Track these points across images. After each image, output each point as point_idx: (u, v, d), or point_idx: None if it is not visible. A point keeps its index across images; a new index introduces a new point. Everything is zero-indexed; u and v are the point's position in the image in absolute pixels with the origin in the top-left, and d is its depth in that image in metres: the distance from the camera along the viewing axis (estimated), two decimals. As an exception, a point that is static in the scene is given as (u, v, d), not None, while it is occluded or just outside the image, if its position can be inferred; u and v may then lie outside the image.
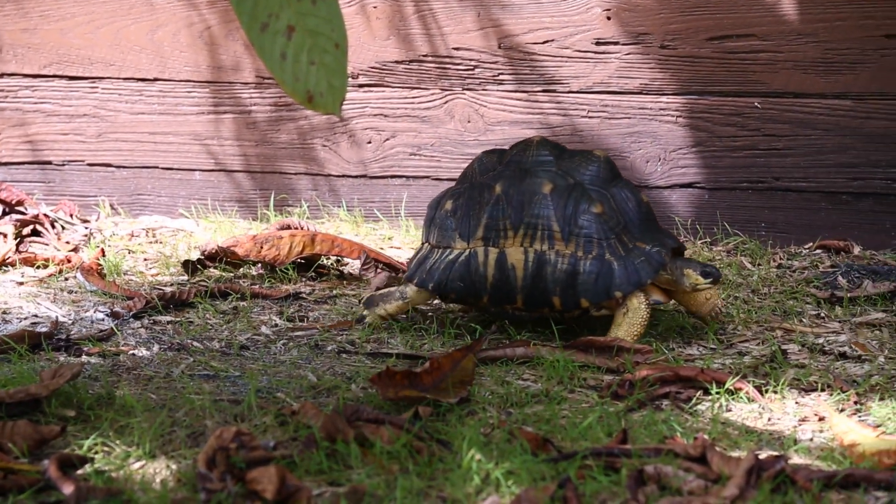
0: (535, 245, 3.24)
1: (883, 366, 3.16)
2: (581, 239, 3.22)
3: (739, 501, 2.40)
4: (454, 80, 4.19)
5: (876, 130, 3.92)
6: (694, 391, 3.00)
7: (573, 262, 3.22)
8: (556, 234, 3.23)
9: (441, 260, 3.32)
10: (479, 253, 3.28)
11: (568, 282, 3.22)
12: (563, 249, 3.23)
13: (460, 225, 3.31)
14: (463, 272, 3.29)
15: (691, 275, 3.25)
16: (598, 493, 2.48)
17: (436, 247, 3.35)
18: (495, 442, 2.69)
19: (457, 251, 3.31)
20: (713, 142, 4.06)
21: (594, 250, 3.22)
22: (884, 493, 2.50)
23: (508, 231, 3.26)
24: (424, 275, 3.33)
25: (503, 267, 3.25)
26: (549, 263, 3.23)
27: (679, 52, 4.02)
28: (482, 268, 3.27)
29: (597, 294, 3.22)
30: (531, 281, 3.24)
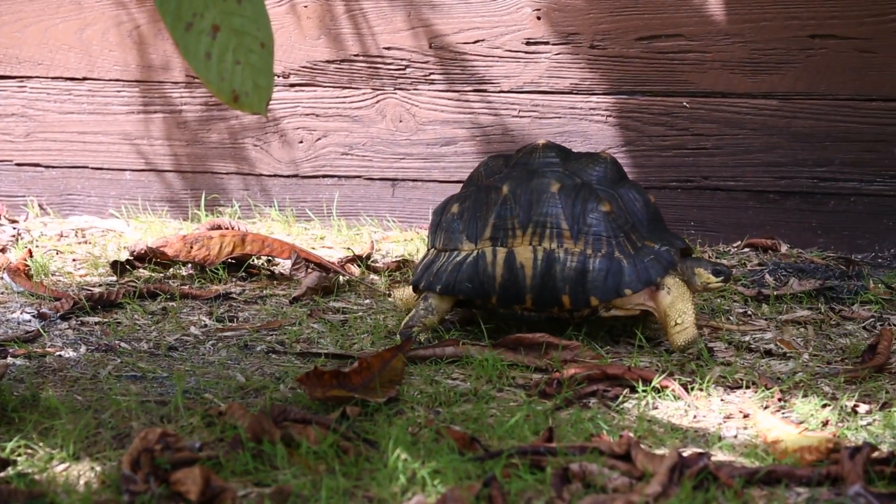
0: (545, 243, 3.21)
1: (807, 363, 3.19)
2: (590, 237, 3.20)
3: (662, 499, 2.42)
4: (385, 80, 4.19)
5: (802, 130, 3.96)
6: (621, 389, 3.02)
7: (583, 260, 3.20)
8: (565, 233, 3.20)
9: (448, 262, 3.28)
10: (487, 253, 3.25)
11: (577, 280, 3.19)
12: (573, 248, 3.20)
13: (467, 227, 3.28)
14: (471, 273, 3.26)
15: (703, 274, 3.24)
16: (523, 492, 2.50)
17: (442, 250, 3.32)
18: (423, 441, 2.69)
19: (464, 252, 3.28)
20: (643, 141, 4.09)
21: (603, 248, 3.19)
22: (805, 489, 2.53)
23: (517, 230, 3.23)
24: (431, 278, 3.29)
25: (512, 266, 3.23)
26: (558, 261, 3.20)
27: (608, 52, 4.05)
28: (490, 268, 3.24)
29: (606, 292, 3.19)
30: (540, 280, 3.21)
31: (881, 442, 2.73)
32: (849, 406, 2.92)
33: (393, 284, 3.73)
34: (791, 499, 2.49)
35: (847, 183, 3.96)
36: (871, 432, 2.78)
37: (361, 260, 3.89)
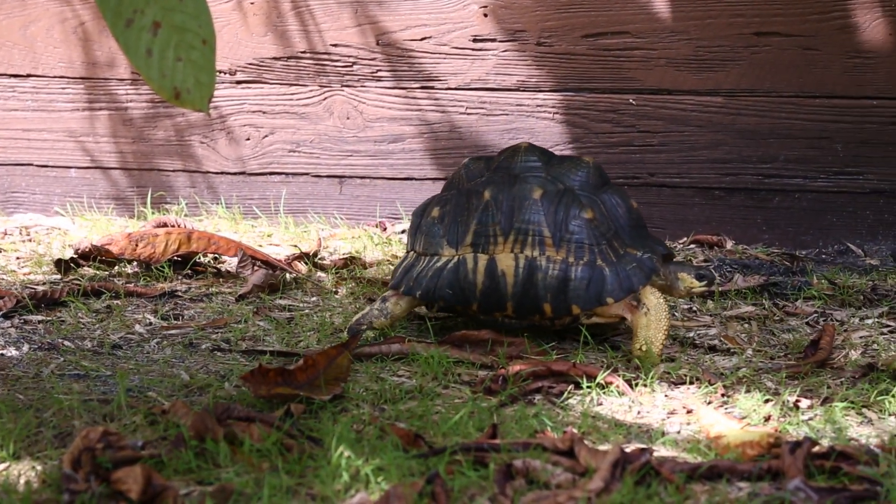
0: (526, 251, 3.19)
1: (751, 358, 3.21)
2: (572, 245, 3.18)
3: (604, 494, 2.43)
4: (333, 77, 4.19)
5: (747, 127, 3.99)
6: (566, 385, 3.03)
7: (564, 269, 3.18)
8: (546, 240, 3.18)
9: (429, 267, 3.26)
10: (468, 260, 3.23)
11: (559, 288, 3.18)
12: (555, 255, 3.18)
13: (448, 232, 3.26)
14: (452, 279, 3.23)
15: (686, 278, 3.23)
16: (467, 488, 2.50)
17: (422, 254, 3.30)
18: (367, 438, 2.69)
19: (445, 258, 3.26)
20: (590, 138, 4.10)
21: (585, 256, 3.17)
22: (746, 483, 2.54)
23: (498, 237, 3.20)
24: (411, 283, 3.27)
25: (493, 274, 3.21)
26: (540, 269, 3.18)
27: (555, 49, 4.06)
28: (471, 275, 3.22)
29: (588, 301, 3.17)
30: (522, 287, 3.19)
31: (822, 437, 2.75)
32: (791, 401, 2.94)
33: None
34: (733, 493, 2.51)
35: (791, 179, 3.99)
36: (813, 427, 2.80)
37: (308, 257, 3.89)
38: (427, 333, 3.30)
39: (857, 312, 3.54)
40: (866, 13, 3.84)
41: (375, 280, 3.73)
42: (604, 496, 2.42)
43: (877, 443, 2.70)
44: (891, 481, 2.48)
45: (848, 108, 3.92)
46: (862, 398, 2.94)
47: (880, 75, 3.87)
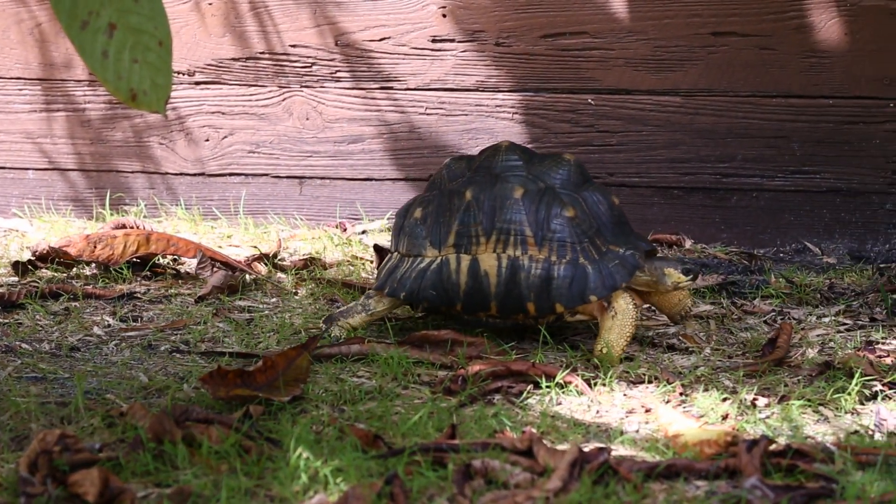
0: (509, 251, 3.18)
1: (709, 357, 3.23)
2: (554, 243, 3.17)
3: (562, 494, 2.44)
4: (292, 78, 4.18)
5: (705, 126, 4.01)
6: (525, 385, 3.04)
7: (547, 267, 3.17)
8: (529, 240, 3.18)
9: (412, 268, 3.26)
10: (451, 260, 3.22)
11: (542, 287, 3.17)
12: (537, 254, 3.17)
13: (431, 232, 3.25)
14: (435, 280, 3.23)
15: (673, 273, 3.22)
16: (425, 489, 2.50)
17: (406, 255, 3.29)
18: (326, 440, 2.69)
19: (428, 259, 3.25)
20: (549, 138, 4.11)
21: (568, 255, 3.17)
22: (704, 482, 2.56)
23: (480, 237, 3.20)
24: (395, 284, 3.27)
25: (476, 274, 3.20)
26: (522, 269, 3.18)
27: (514, 49, 4.07)
28: (455, 275, 3.22)
29: (571, 299, 3.17)
30: (505, 287, 3.19)
31: (779, 434, 2.77)
32: (748, 399, 2.95)
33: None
34: (690, 492, 2.52)
35: (749, 179, 4.02)
36: (770, 425, 2.82)
37: (268, 258, 3.88)
38: (387, 334, 3.30)
39: (815, 311, 3.56)
40: (822, 13, 3.87)
41: (335, 281, 3.73)
42: (562, 496, 2.43)
43: (833, 440, 2.72)
44: (846, 479, 2.50)
45: (804, 107, 3.94)
46: (818, 396, 2.96)
47: (836, 74, 3.89)
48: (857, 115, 3.91)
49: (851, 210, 3.97)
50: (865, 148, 3.92)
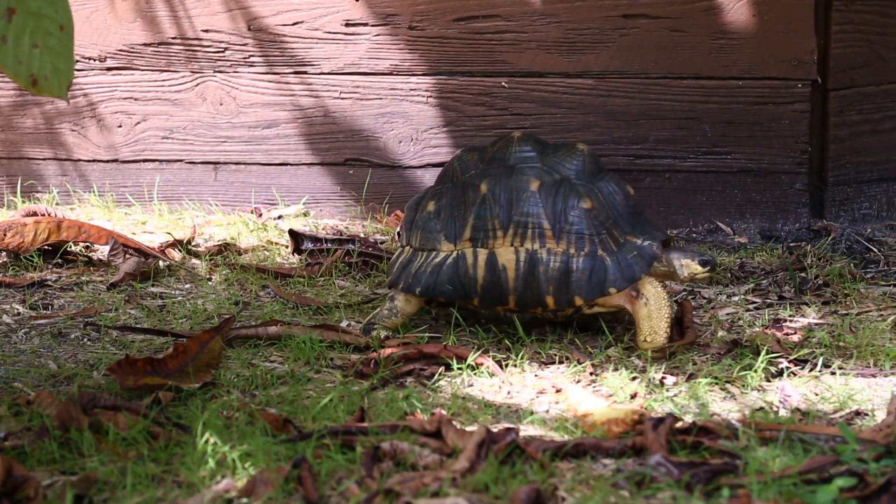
0: (527, 244, 3.14)
1: (620, 336, 3.25)
2: (573, 236, 3.13)
3: (469, 474, 2.45)
4: (204, 63, 4.16)
5: (617, 108, 4.03)
6: (437, 367, 3.05)
7: (566, 260, 3.13)
8: (546, 232, 3.14)
9: (427, 263, 3.22)
10: (467, 255, 3.18)
11: (561, 280, 3.13)
12: (555, 247, 3.13)
13: (445, 227, 3.21)
14: (452, 275, 3.19)
15: (689, 264, 3.19)
16: (334, 472, 2.51)
17: (419, 250, 3.25)
18: (236, 424, 2.69)
19: (443, 254, 3.21)
20: (464, 121, 4.12)
21: (586, 247, 3.13)
22: (611, 460, 2.58)
23: (497, 231, 3.16)
24: (410, 279, 3.22)
25: (494, 268, 3.16)
26: (541, 262, 3.14)
27: (427, 32, 4.07)
28: (472, 270, 3.18)
29: (591, 291, 3.13)
30: (523, 281, 3.15)
31: (686, 412, 2.80)
32: (657, 378, 2.98)
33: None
34: (597, 470, 2.54)
35: (661, 160, 4.05)
36: (677, 403, 2.85)
37: (182, 244, 3.86)
38: (302, 317, 3.30)
39: (725, 290, 3.60)
40: (730, -5, 3.91)
41: (249, 266, 3.72)
42: (469, 476, 2.45)
43: (738, 417, 2.76)
44: (750, 454, 2.54)
45: (715, 88, 3.98)
46: (726, 374, 3.00)
47: (745, 56, 3.93)
48: (766, 95, 3.95)
49: (762, 190, 4.01)
50: (775, 128, 3.96)
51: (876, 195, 4.01)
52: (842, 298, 3.46)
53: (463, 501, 2.35)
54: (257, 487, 2.41)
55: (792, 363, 3.04)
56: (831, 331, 3.24)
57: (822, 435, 2.59)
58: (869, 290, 3.51)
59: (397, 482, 2.42)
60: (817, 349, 3.12)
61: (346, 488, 2.44)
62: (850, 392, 2.87)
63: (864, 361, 3.06)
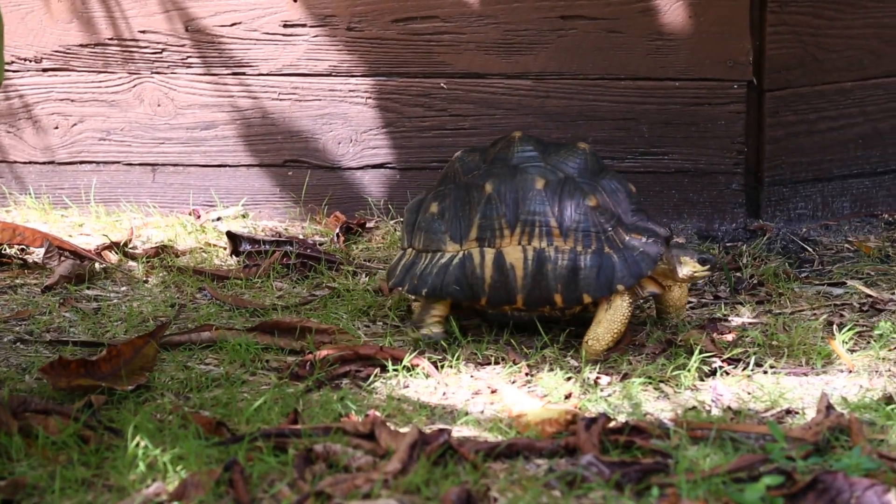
0: (534, 242, 3.13)
1: (557, 337, 3.26)
2: (579, 234, 3.13)
3: (401, 476, 2.45)
4: (141, 64, 4.13)
5: (555, 109, 4.04)
6: (373, 369, 3.05)
7: (573, 258, 3.13)
8: (554, 231, 3.13)
9: (432, 264, 3.20)
10: (474, 254, 3.17)
11: (570, 278, 3.13)
12: (563, 245, 3.13)
13: (450, 227, 3.20)
14: (458, 275, 3.18)
15: (689, 262, 3.20)
16: (266, 475, 2.50)
17: (423, 251, 3.23)
18: (169, 428, 2.68)
19: (449, 254, 3.20)
20: (402, 122, 4.12)
21: (593, 244, 3.13)
22: (544, 460, 2.59)
23: (504, 230, 3.15)
24: (416, 281, 3.21)
25: (502, 267, 3.15)
26: (549, 260, 3.13)
27: (366, 34, 4.06)
28: (479, 269, 3.16)
29: (599, 288, 3.12)
30: (532, 279, 3.14)
31: (619, 412, 2.82)
32: (591, 378, 3.00)
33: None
34: (530, 470, 2.55)
35: (600, 161, 4.06)
36: (611, 403, 2.86)
37: (119, 247, 3.84)
38: (237, 320, 3.28)
39: (662, 290, 3.61)
40: (667, -3, 3.93)
41: (187, 268, 3.70)
42: (400, 477, 2.45)
43: (670, 416, 2.77)
44: (681, 454, 2.55)
45: (652, 89, 4.00)
46: (660, 373, 3.01)
47: (681, 57, 3.95)
48: (702, 96, 3.97)
49: (699, 190, 4.03)
50: (711, 129, 3.99)
51: (811, 195, 4.04)
52: (776, 298, 3.49)
53: (394, 503, 2.35)
54: (188, 490, 2.40)
55: (725, 362, 3.06)
56: (765, 330, 3.26)
57: (753, 433, 2.61)
58: (803, 290, 3.54)
59: (329, 484, 2.42)
60: (750, 348, 3.14)
61: (278, 491, 2.43)
62: (781, 391, 2.89)
63: (796, 360, 3.09)
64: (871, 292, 3.49)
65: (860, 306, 3.43)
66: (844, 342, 3.12)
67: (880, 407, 2.77)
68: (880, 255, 3.77)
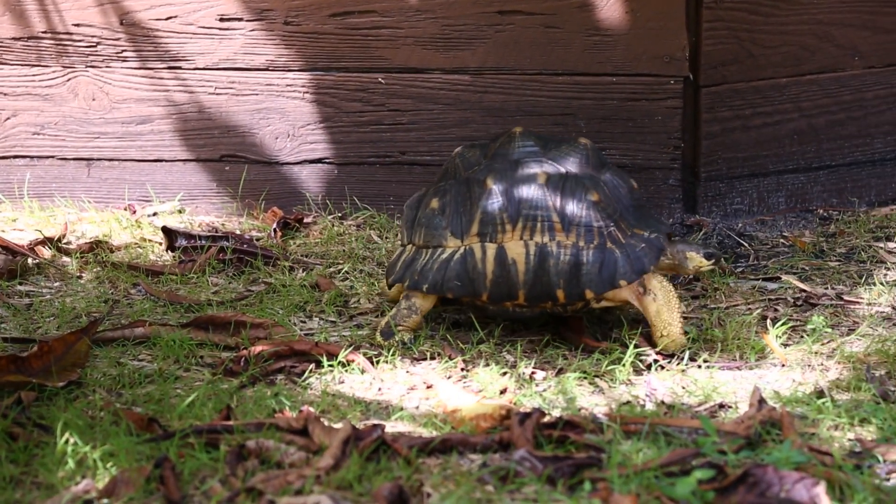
0: (536, 237, 3.12)
1: (493, 332, 3.26)
2: (581, 228, 3.11)
3: (333, 471, 2.44)
4: (76, 58, 4.09)
5: (494, 104, 4.04)
6: (308, 364, 3.04)
7: (575, 253, 3.11)
8: (556, 226, 3.11)
9: (433, 260, 3.17)
10: (476, 250, 3.15)
11: (572, 273, 3.11)
12: (565, 240, 3.11)
13: (451, 223, 3.17)
14: (460, 270, 3.15)
15: (694, 257, 3.19)
16: (198, 471, 2.48)
17: (423, 247, 3.21)
18: (100, 424, 2.65)
19: (450, 250, 3.17)
20: (340, 117, 4.10)
21: (595, 239, 3.11)
22: (478, 455, 2.59)
23: (506, 225, 3.13)
24: (416, 276, 3.18)
25: (503, 262, 3.13)
26: (551, 255, 3.11)
27: (303, 28, 4.04)
28: (481, 264, 3.14)
29: (601, 284, 3.11)
30: (534, 275, 3.12)
31: (554, 407, 2.82)
32: (527, 373, 3.00)
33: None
34: (464, 465, 2.55)
35: (538, 156, 4.05)
36: (545, 398, 2.87)
37: (53, 242, 3.80)
38: (171, 316, 3.26)
39: (598, 285, 3.62)
40: (604, -8, 3.94)
41: (121, 264, 3.67)
42: (333, 473, 2.44)
43: (605, 411, 2.78)
44: (614, 448, 2.55)
45: (590, 84, 4.00)
46: (595, 368, 3.02)
47: (618, 52, 3.96)
48: (639, 92, 3.98)
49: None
50: (648, 125, 4.00)
51: (747, 190, 4.06)
52: (711, 293, 3.51)
53: (326, 499, 2.34)
54: (118, 488, 2.38)
55: (660, 356, 3.07)
56: (699, 324, 3.27)
57: (685, 428, 2.62)
58: (738, 285, 3.56)
59: (260, 480, 2.40)
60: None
61: (210, 487, 2.41)
62: (715, 385, 2.91)
63: (730, 355, 3.10)
64: (805, 287, 3.52)
65: (794, 301, 3.45)
66: (778, 337, 3.14)
67: (812, 401, 2.79)
68: (815, 250, 3.79)
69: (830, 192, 4.12)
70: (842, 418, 2.70)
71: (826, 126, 4.08)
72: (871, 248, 3.79)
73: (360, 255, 3.81)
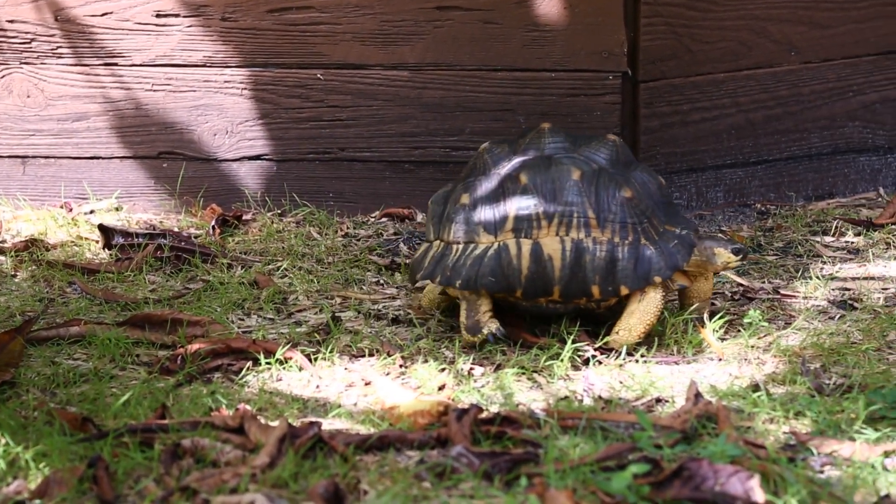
0: (572, 233, 3.09)
1: (433, 328, 3.25)
2: (616, 225, 3.09)
3: (269, 470, 2.42)
4: (10, 55, 4.05)
5: (432, 100, 4.03)
6: (246, 362, 3.02)
7: (611, 249, 3.09)
8: (591, 222, 3.09)
9: (465, 256, 3.13)
10: (510, 245, 3.11)
11: (607, 269, 3.09)
12: (600, 237, 3.09)
13: (483, 218, 3.14)
14: (494, 266, 3.11)
15: (723, 253, 3.18)
16: (132, 471, 2.46)
17: (453, 243, 3.16)
18: (33, 424, 2.62)
19: (483, 245, 3.13)
20: (279, 114, 4.08)
21: (630, 236, 3.09)
22: (416, 452, 2.58)
23: (542, 220, 3.10)
24: (448, 272, 3.13)
25: (539, 258, 3.09)
26: (587, 251, 3.08)
27: (240, 24, 4.02)
28: (515, 260, 3.10)
29: (637, 280, 3.09)
30: (570, 271, 3.09)
31: (492, 403, 2.81)
32: (465, 369, 2.99)
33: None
34: (402, 462, 2.54)
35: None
36: (484, 394, 2.86)
37: (-13, 241, 3.76)
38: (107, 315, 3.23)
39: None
40: (542, -12, 3.94)
41: (57, 262, 3.63)
42: (269, 471, 2.42)
43: (542, 406, 2.78)
44: (551, 443, 2.55)
45: (529, 80, 4.00)
46: (533, 364, 3.02)
47: (557, 48, 3.96)
48: (578, 87, 3.99)
49: (576, 181, 4.05)
50: (587, 120, 4.00)
51: (686, 185, 4.08)
52: (650, 287, 3.51)
53: (261, 497, 2.32)
54: (51, 488, 2.36)
55: (598, 351, 3.08)
56: (638, 319, 3.28)
57: (622, 422, 2.63)
58: (677, 279, 3.57)
59: (195, 479, 2.39)
60: (624, 338, 3.16)
61: (144, 487, 2.39)
62: (652, 379, 2.91)
63: (667, 349, 3.11)
64: (742, 281, 3.53)
65: (732, 295, 3.47)
66: (715, 331, 3.15)
67: (748, 394, 2.81)
68: (752, 244, 3.81)
69: (768, 187, 4.15)
70: (777, 412, 2.72)
71: (763, 121, 4.10)
72: (808, 243, 3.82)
73: (300, 251, 3.79)
